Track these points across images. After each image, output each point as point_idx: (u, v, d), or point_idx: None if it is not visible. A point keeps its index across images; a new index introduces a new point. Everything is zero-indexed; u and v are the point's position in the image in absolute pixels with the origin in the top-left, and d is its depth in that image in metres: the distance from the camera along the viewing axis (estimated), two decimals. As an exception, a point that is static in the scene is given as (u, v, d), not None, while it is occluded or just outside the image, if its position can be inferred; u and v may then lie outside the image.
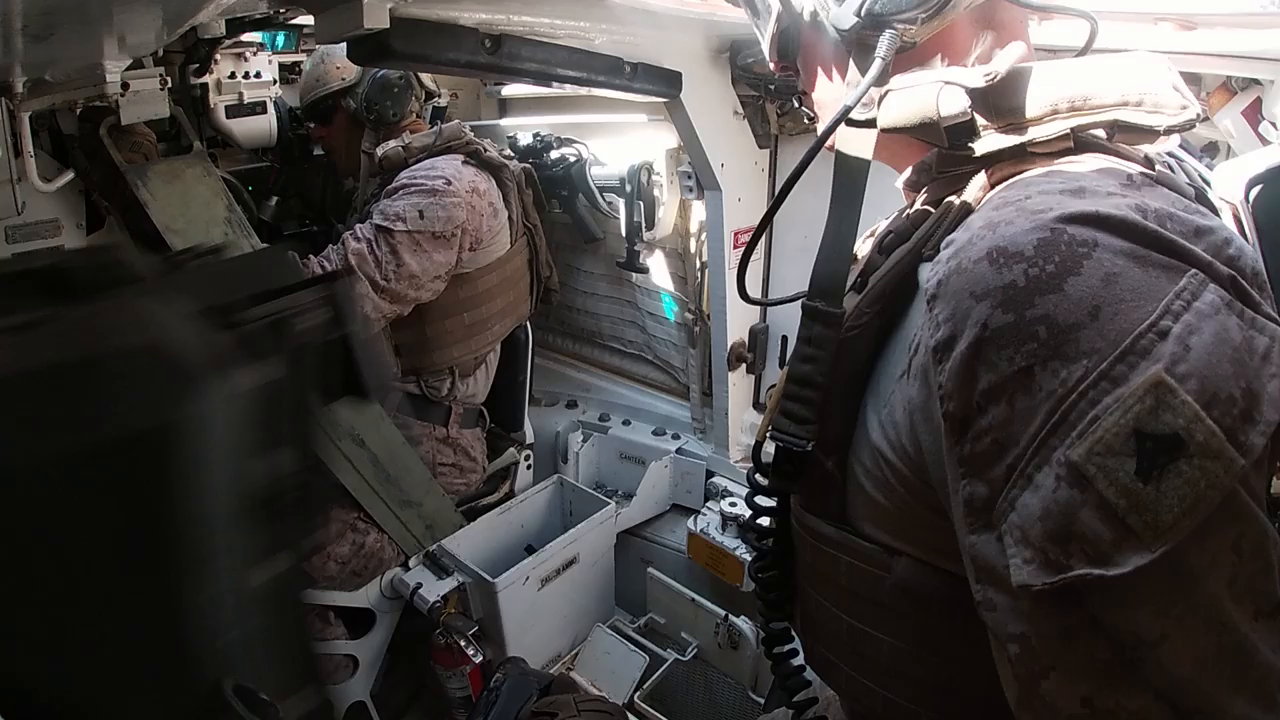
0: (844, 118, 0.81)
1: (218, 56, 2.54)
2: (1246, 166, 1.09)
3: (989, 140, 0.76)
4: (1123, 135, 0.75)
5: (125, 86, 2.00)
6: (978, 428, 0.63)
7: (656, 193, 2.62)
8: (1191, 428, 0.56)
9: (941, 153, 0.80)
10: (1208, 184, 0.84)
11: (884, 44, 0.77)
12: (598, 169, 2.79)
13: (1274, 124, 1.44)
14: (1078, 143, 0.74)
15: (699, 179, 2.41)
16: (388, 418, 2.40)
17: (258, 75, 2.66)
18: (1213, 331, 0.58)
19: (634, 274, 2.83)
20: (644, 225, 2.64)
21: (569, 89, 2.59)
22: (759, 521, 1.05)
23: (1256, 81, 1.49)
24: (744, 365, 2.57)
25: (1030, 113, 0.74)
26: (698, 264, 2.71)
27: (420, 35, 1.46)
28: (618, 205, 2.72)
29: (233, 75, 2.62)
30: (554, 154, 2.87)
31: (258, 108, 2.69)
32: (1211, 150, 1.65)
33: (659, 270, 2.86)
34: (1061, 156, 0.74)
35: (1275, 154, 1.10)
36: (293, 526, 0.84)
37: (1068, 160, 0.73)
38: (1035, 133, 0.74)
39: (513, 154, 2.71)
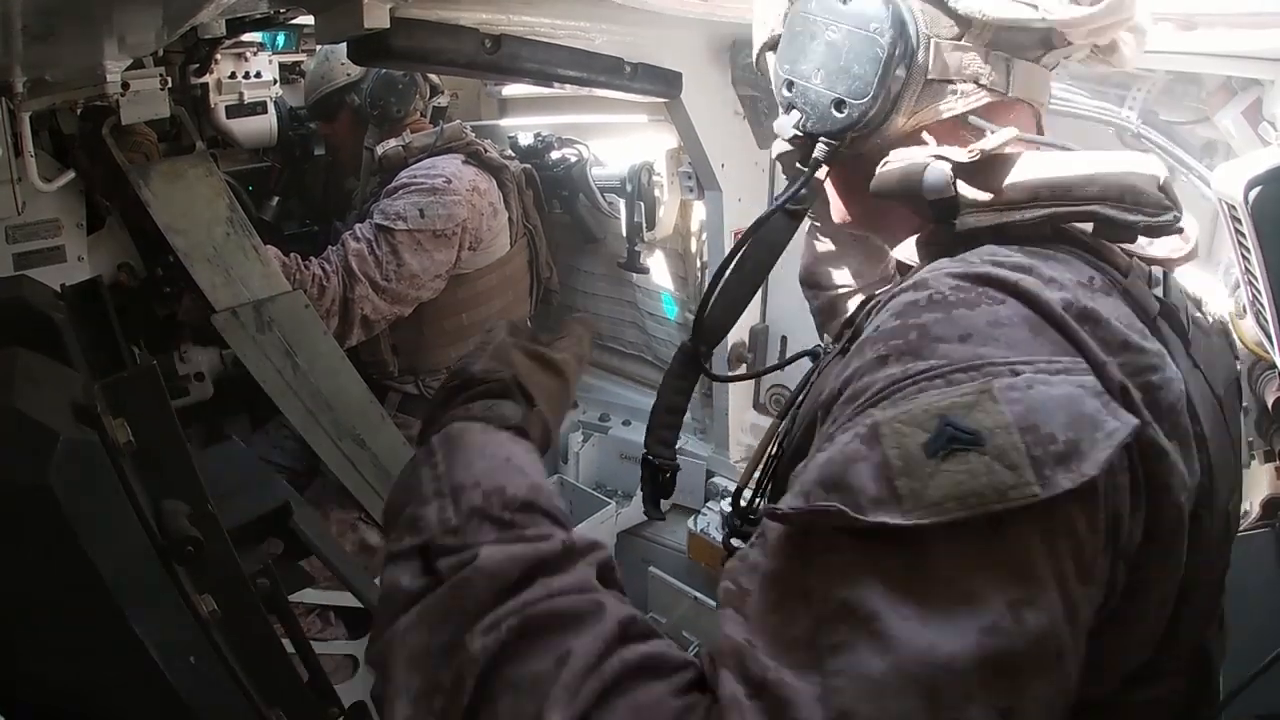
0: (776, 210, 0.96)
1: (218, 56, 2.54)
2: (1246, 168, 1.09)
3: (969, 218, 0.76)
4: (1110, 232, 0.74)
5: (125, 86, 2.00)
6: (832, 413, 0.65)
7: (657, 193, 2.62)
8: (996, 433, 0.55)
9: (929, 230, 0.82)
10: (1200, 309, 0.85)
11: (816, 153, 0.84)
12: (598, 169, 2.79)
13: (1273, 124, 1.44)
14: (1058, 234, 0.75)
15: (699, 179, 2.41)
16: (388, 418, 2.41)
17: (258, 75, 2.66)
18: (1064, 393, 0.57)
19: (634, 274, 2.83)
20: (644, 226, 2.64)
21: (569, 89, 2.59)
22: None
23: (1256, 82, 1.49)
24: (744, 366, 2.57)
25: (1011, 196, 0.75)
26: (698, 264, 2.71)
27: (420, 35, 1.46)
28: (618, 206, 2.72)
29: (233, 75, 2.62)
30: (554, 154, 2.87)
31: (258, 108, 2.68)
32: (1210, 150, 1.66)
33: (659, 271, 2.86)
34: (1039, 244, 0.73)
35: (1275, 155, 1.10)
36: (207, 570, 0.87)
37: (1037, 251, 0.72)
38: (1014, 216, 0.74)
39: (513, 154, 2.71)
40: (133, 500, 0.78)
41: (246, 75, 2.64)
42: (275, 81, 2.74)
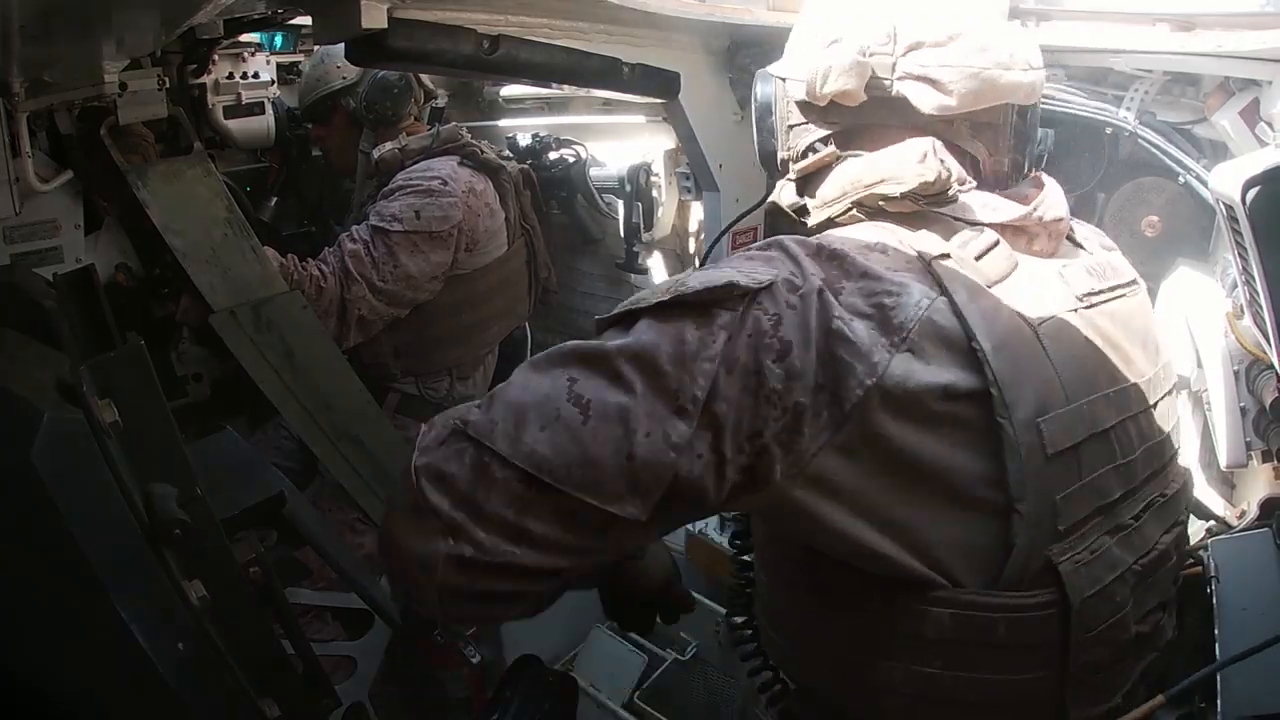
0: (723, 234, 1.84)
1: (216, 57, 2.54)
2: (1243, 168, 1.09)
3: (813, 217, 1.12)
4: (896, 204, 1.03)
5: (123, 87, 2.00)
6: None
7: (655, 194, 2.62)
8: (679, 283, 0.90)
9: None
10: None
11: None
12: (596, 170, 2.79)
13: (1270, 125, 1.44)
14: (868, 213, 1.05)
15: (697, 180, 2.41)
16: (386, 418, 2.41)
17: (256, 76, 2.66)
18: (725, 271, 0.90)
19: (632, 275, 2.83)
20: (642, 226, 2.64)
21: (567, 90, 2.59)
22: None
23: (1254, 82, 1.50)
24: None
25: (829, 195, 1.08)
26: (695, 264, 2.71)
27: (418, 36, 1.46)
28: (616, 206, 2.72)
29: (231, 76, 2.62)
30: (553, 155, 2.87)
31: (256, 108, 2.69)
32: (1202, 148, 1.66)
33: (658, 271, 2.86)
34: (851, 224, 1.06)
35: (1272, 155, 1.10)
36: (195, 555, 0.86)
37: (854, 227, 1.05)
38: (833, 210, 1.08)
39: (511, 155, 2.71)
40: (119, 481, 0.77)
41: (244, 76, 2.64)
42: (273, 82, 2.74)
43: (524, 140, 2.91)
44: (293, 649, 1.08)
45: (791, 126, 1.15)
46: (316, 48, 2.70)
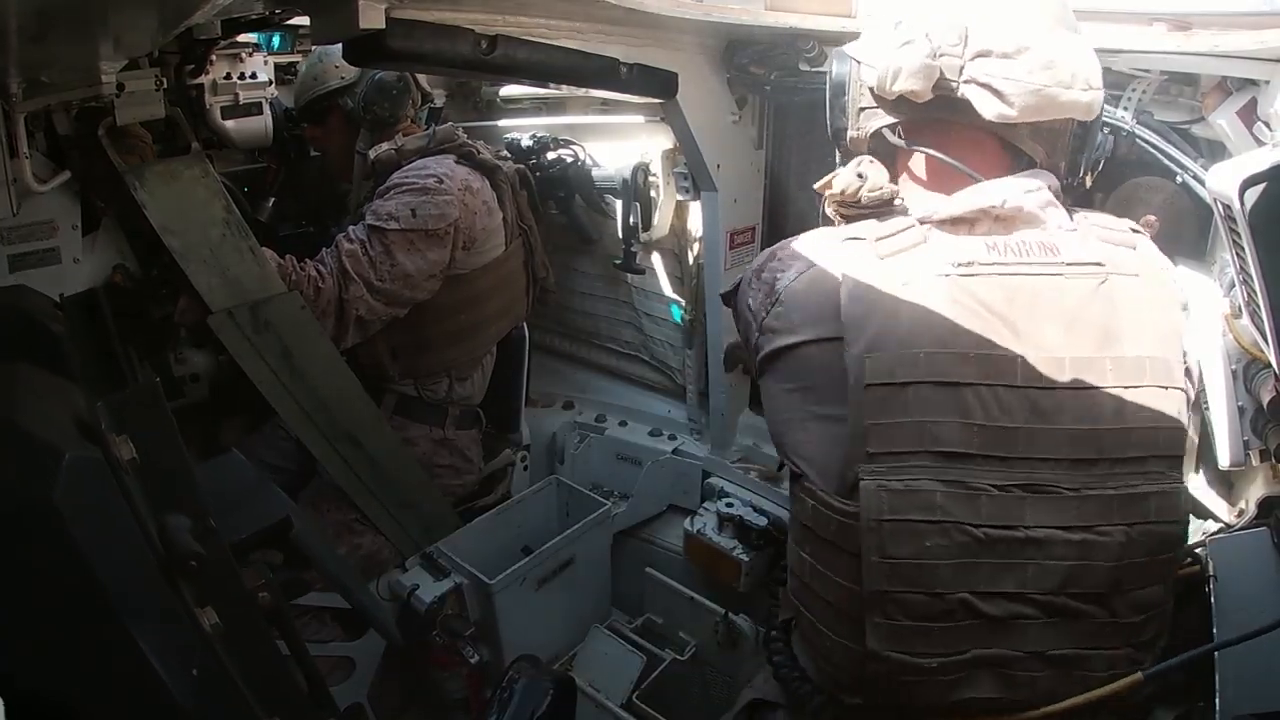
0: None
1: (213, 57, 2.53)
2: (1241, 167, 1.09)
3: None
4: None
5: (121, 87, 1.99)
6: None
7: (653, 194, 2.62)
8: None
9: None
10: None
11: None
12: (595, 170, 2.79)
13: (1268, 124, 1.44)
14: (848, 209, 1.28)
15: (695, 180, 2.41)
16: (384, 419, 2.40)
17: (254, 76, 2.66)
18: None
19: (630, 275, 2.83)
20: (640, 226, 2.64)
21: (565, 90, 2.59)
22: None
23: (1252, 82, 1.50)
24: (740, 366, 2.57)
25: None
26: (693, 265, 2.71)
27: (416, 36, 1.46)
28: (614, 206, 2.72)
29: (229, 76, 2.61)
30: (551, 155, 2.87)
31: (254, 109, 2.68)
32: (1199, 148, 1.66)
33: (656, 271, 2.86)
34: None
35: (1270, 155, 1.10)
36: (209, 584, 0.88)
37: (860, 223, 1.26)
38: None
39: (509, 155, 2.71)
40: (136, 516, 0.79)
41: (242, 76, 2.64)
42: (271, 82, 2.74)
43: (525, 141, 2.91)
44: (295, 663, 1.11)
45: (863, 109, 1.28)
46: (312, 48, 2.69)
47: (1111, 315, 1.14)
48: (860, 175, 1.20)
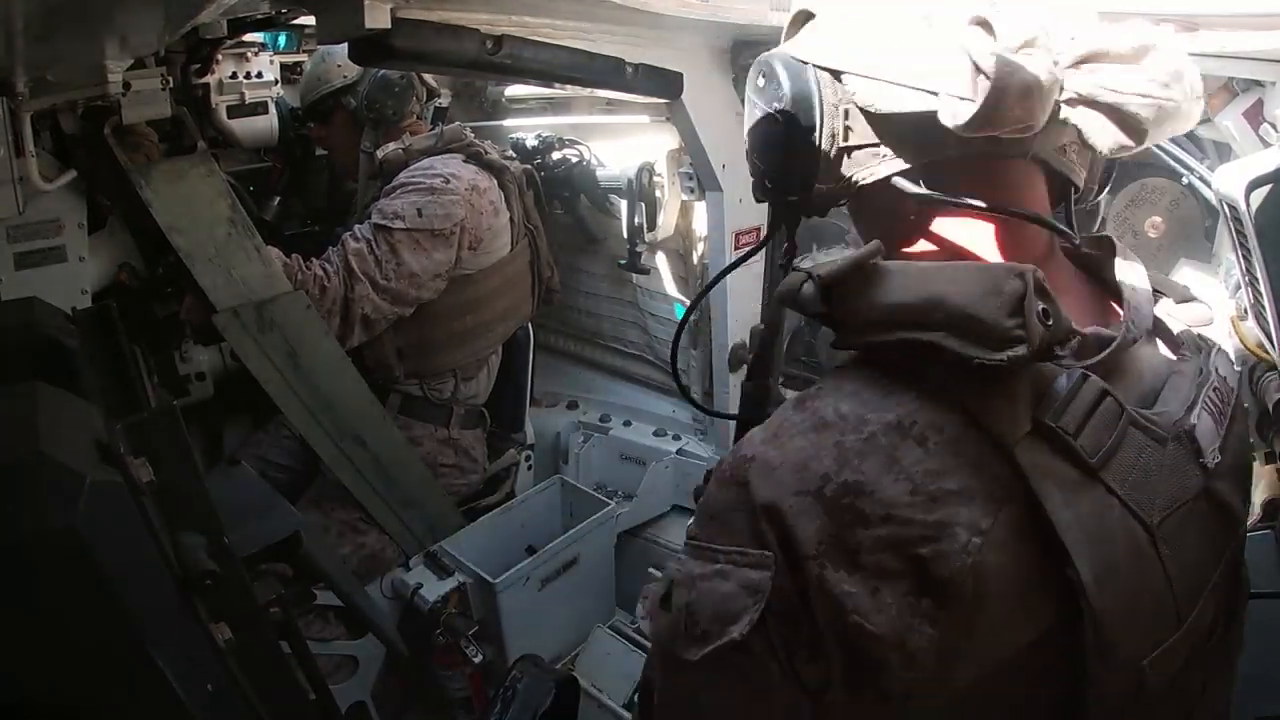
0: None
1: (219, 57, 2.54)
2: (1247, 169, 1.09)
3: (842, 339, 0.79)
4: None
5: (127, 86, 2.00)
6: None
7: (658, 194, 2.62)
8: (677, 608, 0.73)
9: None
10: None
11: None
12: (600, 170, 2.79)
13: (1275, 126, 1.44)
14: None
15: (700, 180, 2.41)
16: (389, 419, 2.41)
17: (259, 75, 2.67)
18: (726, 590, 0.70)
19: (635, 275, 2.83)
20: (645, 226, 2.64)
21: (570, 90, 2.59)
22: None
23: (1258, 83, 1.49)
24: (745, 366, 2.57)
25: (870, 318, 0.73)
26: (698, 265, 2.71)
27: (421, 35, 1.46)
28: (619, 206, 2.72)
29: (234, 75, 2.62)
30: (556, 155, 2.87)
31: (259, 108, 2.69)
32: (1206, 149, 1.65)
33: (661, 271, 2.86)
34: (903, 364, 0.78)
35: (1276, 156, 1.10)
36: (222, 600, 0.91)
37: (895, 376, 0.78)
38: (875, 338, 0.75)
39: (514, 155, 2.71)
40: (154, 536, 0.82)
41: (248, 75, 2.65)
42: (276, 82, 2.74)
43: (531, 141, 2.91)
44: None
45: (853, 149, 0.79)
46: (317, 48, 2.70)
47: None
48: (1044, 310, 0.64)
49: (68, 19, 1.08)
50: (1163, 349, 0.81)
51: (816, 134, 0.77)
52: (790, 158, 0.79)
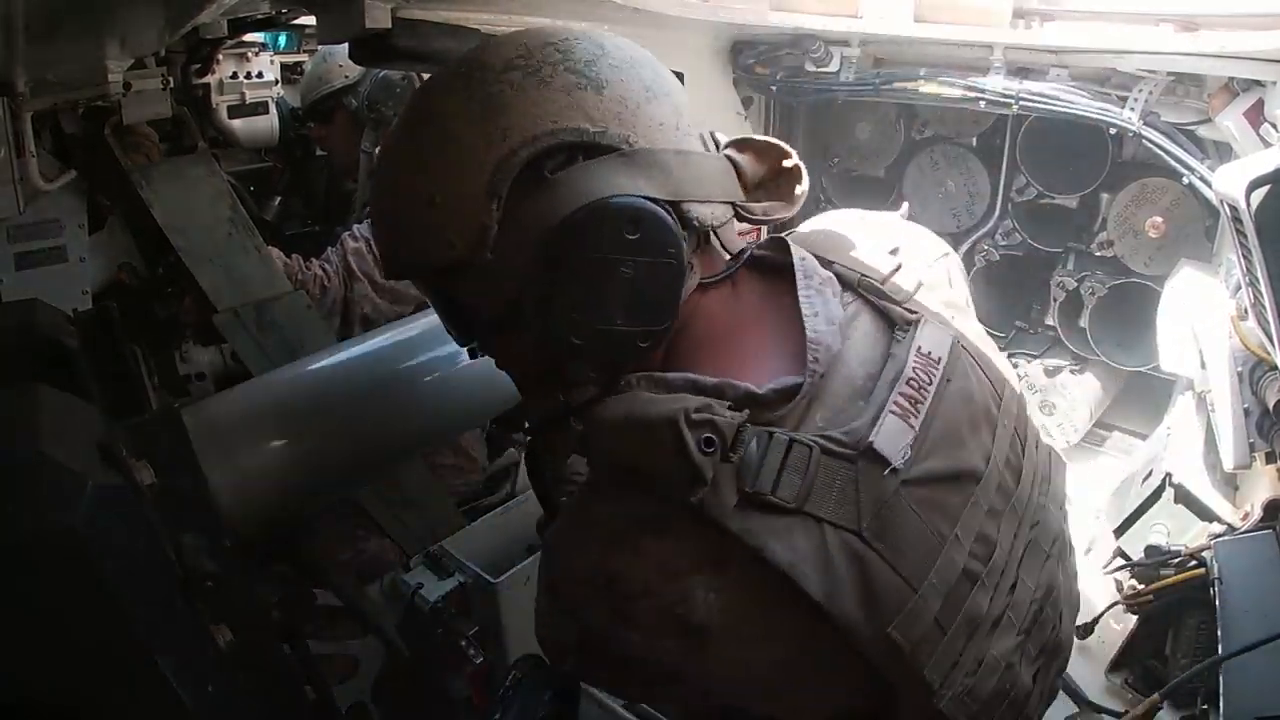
0: None
1: (220, 57, 2.54)
2: (1248, 169, 1.09)
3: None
4: None
5: (127, 86, 2.00)
6: None
7: (658, 193, 2.62)
8: None
9: None
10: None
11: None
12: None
13: (1275, 125, 1.44)
14: None
15: (700, 180, 2.41)
16: (389, 418, 2.40)
17: (260, 75, 2.67)
18: None
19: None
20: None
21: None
22: None
23: (1259, 83, 1.49)
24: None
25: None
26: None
27: (422, 35, 1.46)
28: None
29: (235, 75, 2.63)
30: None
31: (260, 108, 2.69)
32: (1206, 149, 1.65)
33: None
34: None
35: (1277, 156, 1.09)
36: (222, 602, 0.91)
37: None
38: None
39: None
40: (156, 539, 0.82)
41: (248, 75, 2.65)
42: (277, 82, 2.75)
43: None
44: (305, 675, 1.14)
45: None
46: (318, 48, 2.70)
47: None
48: None
49: (69, 18, 1.08)
50: (875, 331, 0.88)
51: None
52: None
